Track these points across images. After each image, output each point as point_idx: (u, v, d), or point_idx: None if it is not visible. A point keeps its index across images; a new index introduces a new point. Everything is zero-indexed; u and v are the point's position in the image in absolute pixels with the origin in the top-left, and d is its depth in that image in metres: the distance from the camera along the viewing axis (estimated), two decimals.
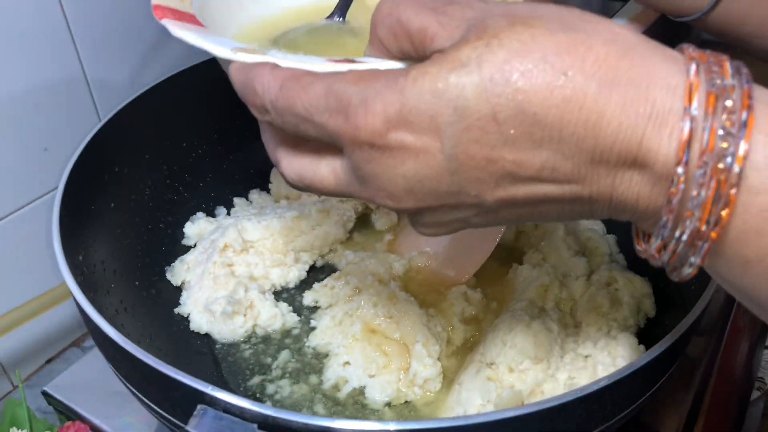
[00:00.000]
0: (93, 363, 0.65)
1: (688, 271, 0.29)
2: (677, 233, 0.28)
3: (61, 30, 0.65)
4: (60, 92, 0.67)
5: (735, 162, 0.26)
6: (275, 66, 0.31)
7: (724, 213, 0.26)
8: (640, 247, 0.31)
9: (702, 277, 0.48)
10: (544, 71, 0.27)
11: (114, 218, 0.61)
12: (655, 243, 0.29)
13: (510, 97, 0.27)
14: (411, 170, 0.30)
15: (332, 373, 0.58)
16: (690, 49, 0.28)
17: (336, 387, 0.58)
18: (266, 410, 0.38)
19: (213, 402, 0.39)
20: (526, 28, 0.28)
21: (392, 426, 0.37)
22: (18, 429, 0.58)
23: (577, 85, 0.27)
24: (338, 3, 0.49)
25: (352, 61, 0.32)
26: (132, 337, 0.43)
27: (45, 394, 0.61)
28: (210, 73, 0.69)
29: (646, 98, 0.27)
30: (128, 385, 0.46)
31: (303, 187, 0.34)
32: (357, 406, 0.56)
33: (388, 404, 0.56)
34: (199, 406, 0.40)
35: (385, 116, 0.29)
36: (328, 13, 0.49)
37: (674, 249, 0.28)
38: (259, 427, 0.38)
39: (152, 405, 0.44)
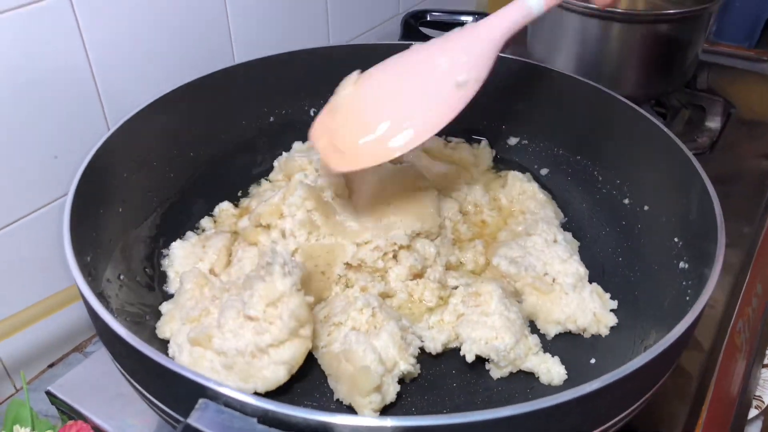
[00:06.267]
0: (96, 366, 0.66)
1: None
2: None
3: (74, 37, 0.67)
4: (70, 100, 0.68)
5: None
6: None
7: None
8: None
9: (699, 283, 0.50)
10: None
11: (121, 222, 0.62)
12: None
13: None
14: None
15: None
16: None
17: None
18: (266, 404, 0.39)
19: (215, 396, 0.40)
20: None
21: (389, 422, 0.38)
22: (21, 427, 0.59)
23: None
24: None
25: None
26: None
27: (49, 393, 0.62)
28: (221, 82, 0.71)
29: None
30: (132, 381, 0.47)
31: None
32: None
33: None
34: (200, 400, 0.40)
35: None
36: None
37: None
38: (259, 421, 0.39)
39: (154, 400, 0.45)
